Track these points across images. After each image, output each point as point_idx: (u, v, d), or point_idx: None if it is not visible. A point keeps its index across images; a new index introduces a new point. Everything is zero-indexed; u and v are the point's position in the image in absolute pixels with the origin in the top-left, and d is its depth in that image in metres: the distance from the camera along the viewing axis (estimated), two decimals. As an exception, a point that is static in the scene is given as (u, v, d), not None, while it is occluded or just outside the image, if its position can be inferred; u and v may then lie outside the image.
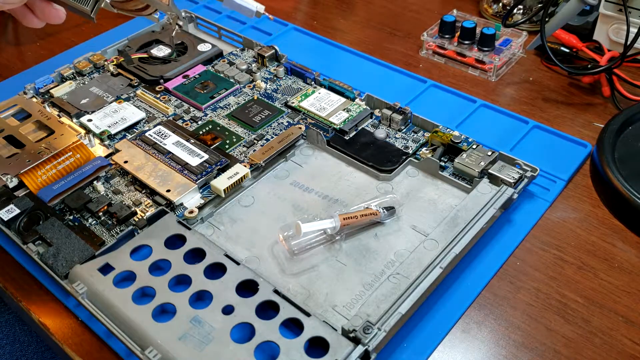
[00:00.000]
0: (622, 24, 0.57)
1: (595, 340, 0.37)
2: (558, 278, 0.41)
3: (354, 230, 0.42)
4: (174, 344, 0.35)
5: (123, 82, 0.57)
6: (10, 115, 0.53)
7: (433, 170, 0.46)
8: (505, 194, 0.43)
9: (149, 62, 0.59)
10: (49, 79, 0.56)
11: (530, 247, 0.43)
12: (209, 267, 0.39)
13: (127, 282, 0.38)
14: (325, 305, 0.38)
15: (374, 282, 0.39)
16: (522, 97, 0.57)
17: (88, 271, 0.39)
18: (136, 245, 0.40)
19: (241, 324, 0.36)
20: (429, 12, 0.70)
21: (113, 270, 0.39)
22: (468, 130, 0.50)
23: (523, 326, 0.38)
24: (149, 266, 0.39)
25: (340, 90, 0.53)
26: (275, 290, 0.37)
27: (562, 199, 0.47)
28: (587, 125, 0.53)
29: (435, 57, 0.62)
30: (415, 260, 0.38)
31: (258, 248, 0.42)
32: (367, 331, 0.34)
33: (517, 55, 0.62)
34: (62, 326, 0.39)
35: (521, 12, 0.66)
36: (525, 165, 0.45)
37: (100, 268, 0.39)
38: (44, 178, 0.46)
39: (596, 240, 0.43)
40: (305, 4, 0.74)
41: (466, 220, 0.41)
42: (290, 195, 0.45)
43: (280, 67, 0.57)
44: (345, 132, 0.49)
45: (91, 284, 0.38)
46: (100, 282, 0.38)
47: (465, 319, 0.39)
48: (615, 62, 0.53)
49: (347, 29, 0.68)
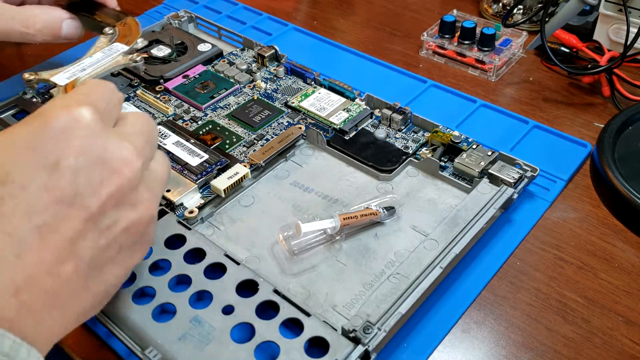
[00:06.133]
0: (622, 24, 0.57)
1: (595, 340, 0.37)
2: (558, 278, 0.41)
3: (354, 230, 0.42)
4: (174, 344, 0.35)
5: (123, 82, 0.57)
6: (10, 115, 0.53)
7: (433, 170, 0.46)
8: (505, 194, 0.43)
9: (149, 62, 0.59)
10: (49, 79, 0.56)
11: (530, 247, 0.43)
12: (209, 267, 0.39)
13: (127, 282, 0.38)
14: (325, 305, 0.38)
15: (374, 282, 0.39)
16: (522, 97, 0.57)
17: (88, 271, 0.39)
18: (136, 245, 0.40)
19: (241, 324, 0.36)
20: (429, 12, 0.70)
21: (113, 270, 0.39)
22: (468, 130, 0.50)
23: (523, 326, 0.38)
24: (149, 266, 0.39)
25: (340, 90, 0.53)
26: (275, 290, 0.37)
27: (562, 199, 0.47)
28: (587, 125, 0.53)
29: (435, 57, 0.62)
30: (415, 260, 0.38)
31: (258, 248, 0.42)
32: (367, 331, 0.34)
33: (517, 55, 0.62)
34: (62, 326, 0.39)
35: (521, 12, 0.66)
36: (525, 165, 0.45)
37: (100, 268, 0.39)
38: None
39: (596, 240, 0.43)
40: (305, 4, 0.74)
41: (466, 220, 0.41)
42: (290, 195, 0.45)
43: (280, 67, 0.57)
44: (345, 132, 0.49)
45: (91, 284, 0.38)
46: (100, 282, 0.38)
47: (465, 319, 0.39)
48: (615, 62, 0.53)
49: (347, 29, 0.68)
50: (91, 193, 0.28)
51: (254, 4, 0.71)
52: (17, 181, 0.27)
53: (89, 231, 0.28)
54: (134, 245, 0.31)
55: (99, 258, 0.29)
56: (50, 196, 0.27)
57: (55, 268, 0.27)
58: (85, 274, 0.28)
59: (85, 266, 0.28)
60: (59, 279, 0.27)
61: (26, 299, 0.26)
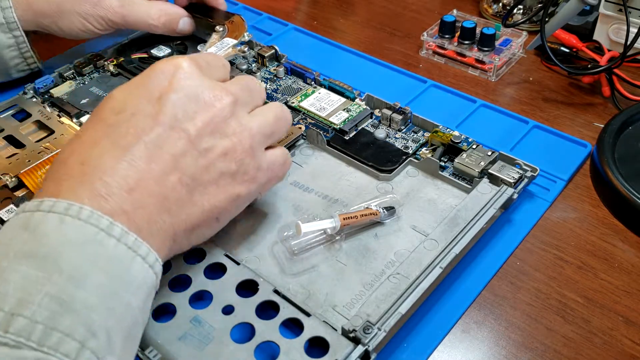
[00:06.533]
0: (622, 24, 0.57)
1: (595, 340, 0.37)
2: (558, 278, 0.41)
3: (354, 230, 0.42)
4: (174, 344, 0.35)
5: (123, 82, 0.57)
6: (10, 115, 0.53)
7: (433, 170, 0.46)
8: (505, 194, 0.43)
9: (149, 62, 0.59)
10: (49, 79, 0.56)
11: (530, 247, 0.43)
12: (209, 267, 0.39)
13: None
14: (325, 305, 0.38)
15: (374, 282, 0.39)
16: (522, 97, 0.57)
17: (88, 271, 0.39)
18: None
19: (241, 324, 0.36)
20: (429, 12, 0.70)
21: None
22: (468, 130, 0.50)
23: (523, 326, 0.38)
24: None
25: (340, 90, 0.53)
26: (275, 290, 0.37)
27: (562, 199, 0.47)
28: (587, 125, 0.53)
29: (435, 57, 0.62)
30: (415, 260, 0.38)
31: (258, 248, 0.42)
32: (367, 331, 0.34)
33: (517, 55, 0.62)
34: (62, 326, 0.39)
35: (521, 12, 0.66)
36: (525, 165, 0.45)
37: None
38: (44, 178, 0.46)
39: (596, 240, 0.43)
40: (305, 4, 0.74)
41: (466, 220, 0.41)
42: (290, 195, 0.45)
43: (280, 67, 0.57)
44: (345, 132, 0.49)
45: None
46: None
47: (465, 319, 0.39)
48: (615, 62, 0.53)
49: (347, 29, 0.68)
50: (188, 120, 0.34)
51: (254, 4, 0.71)
52: (129, 110, 0.34)
53: (188, 151, 0.34)
54: (236, 175, 0.36)
55: (201, 176, 0.34)
56: (154, 121, 0.33)
57: (162, 177, 0.33)
58: (189, 187, 0.34)
59: (189, 179, 0.34)
60: (165, 187, 0.33)
61: (138, 197, 0.31)
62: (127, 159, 0.32)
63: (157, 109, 0.34)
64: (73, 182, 0.31)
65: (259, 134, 0.37)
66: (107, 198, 0.30)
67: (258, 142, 0.37)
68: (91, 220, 0.29)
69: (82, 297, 0.28)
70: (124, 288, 0.29)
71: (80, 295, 0.28)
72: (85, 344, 0.27)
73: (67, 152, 0.33)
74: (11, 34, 0.53)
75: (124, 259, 0.30)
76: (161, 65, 0.36)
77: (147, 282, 0.31)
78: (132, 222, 0.31)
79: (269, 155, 0.39)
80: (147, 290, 0.31)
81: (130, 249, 0.30)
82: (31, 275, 0.27)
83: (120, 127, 0.33)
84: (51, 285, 0.27)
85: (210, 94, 0.35)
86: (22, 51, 0.55)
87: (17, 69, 0.56)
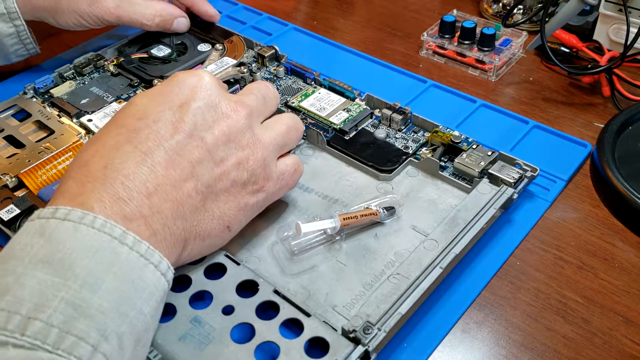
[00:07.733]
0: (622, 24, 0.57)
1: (595, 340, 0.37)
2: (558, 278, 0.41)
3: (354, 230, 0.42)
4: (174, 344, 0.35)
5: (123, 82, 0.57)
6: (10, 115, 0.53)
7: (433, 170, 0.46)
8: (505, 194, 0.43)
9: (149, 62, 0.59)
10: (49, 79, 0.56)
11: (530, 247, 0.43)
12: (209, 267, 0.39)
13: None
14: (325, 306, 0.38)
15: (374, 282, 0.39)
16: (522, 97, 0.57)
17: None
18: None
19: (241, 324, 0.36)
20: (429, 12, 0.70)
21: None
22: (468, 130, 0.50)
23: (523, 326, 0.38)
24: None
25: (340, 90, 0.53)
26: (275, 291, 0.37)
27: (562, 199, 0.47)
28: (587, 125, 0.53)
29: (435, 57, 0.62)
30: (415, 260, 0.38)
31: (258, 248, 0.42)
32: (367, 331, 0.34)
33: (517, 55, 0.62)
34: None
35: (521, 12, 0.66)
36: (525, 165, 0.45)
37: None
38: (44, 178, 0.46)
39: (596, 240, 0.43)
40: (305, 4, 0.74)
41: (466, 220, 0.41)
42: (290, 195, 0.45)
43: (280, 67, 0.57)
44: (345, 132, 0.49)
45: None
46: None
47: (465, 319, 0.39)
48: (615, 62, 0.53)
49: (347, 29, 0.68)
50: (206, 129, 0.36)
51: (254, 4, 0.71)
52: (151, 117, 0.35)
53: (205, 159, 0.35)
54: (246, 185, 0.37)
55: (215, 184, 0.36)
56: (175, 128, 0.35)
57: (179, 183, 0.34)
58: (203, 194, 0.35)
59: (203, 187, 0.35)
60: (181, 193, 0.34)
61: (156, 201, 0.33)
62: (148, 164, 0.33)
63: (178, 116, 0.35)
64: (97, 185, 0.32)
65: (271, 145, 0.39)
66: (128, 202, 0.32)
67: (270, 153, 0.39)
68: (105, 229, 0.30)
69: (96, 303, 0.28)
70: (137, 295, 0.30)
71: (94, 300, 0.28)
72: (98, 347, 0.27)
73: (89, 153, 0.34)
74: (12, 23, 0.55)
75: (136, 266, 0.31)
76: (184, 76, 0.37)
77: (158, 289, 0.31)
78: (149, 227, 0.32)
79: (280, 164, 0.40)
80: (159, 297, 0.32)
81: (143, 257, 0.31)
82: (47, 281, 0.28)
83: (141, 132, 0.34)
84: (66, 290, 0.28)
85: (228, 105, 0.37)
86: (22, 38, 0.57)
87: (17, 54, 0.58)
